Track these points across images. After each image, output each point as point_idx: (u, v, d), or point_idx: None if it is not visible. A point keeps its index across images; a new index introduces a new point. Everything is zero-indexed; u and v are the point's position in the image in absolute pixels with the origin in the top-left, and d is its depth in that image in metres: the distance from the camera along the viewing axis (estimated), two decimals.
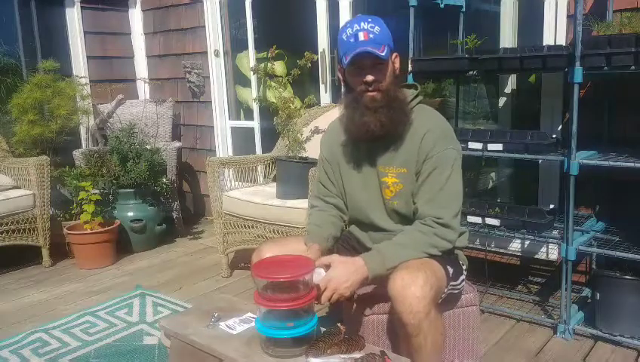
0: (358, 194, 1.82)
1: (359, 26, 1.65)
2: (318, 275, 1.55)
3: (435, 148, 1.68)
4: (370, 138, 1.71)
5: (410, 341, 1.52)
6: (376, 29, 1.65)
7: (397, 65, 1.74)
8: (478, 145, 2.43)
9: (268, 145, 3.84)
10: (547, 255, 2.75)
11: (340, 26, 1.77)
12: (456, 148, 1.73)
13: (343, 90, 1.85)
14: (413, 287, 1.47)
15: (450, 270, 1.70)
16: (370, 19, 1.67)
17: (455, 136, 1.76)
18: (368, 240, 1.85)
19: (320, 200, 1.92)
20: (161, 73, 4.59)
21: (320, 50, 3.52)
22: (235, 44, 4.30)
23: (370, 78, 1.65)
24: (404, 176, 1.72)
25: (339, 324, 1.53)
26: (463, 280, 1.80)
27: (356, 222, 1.89)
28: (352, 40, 1.65)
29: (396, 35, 1.75)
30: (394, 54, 1.72)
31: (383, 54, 1.63)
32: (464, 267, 1.84)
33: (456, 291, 1.78)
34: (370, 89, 1.66)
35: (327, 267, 1.59)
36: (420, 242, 1.63)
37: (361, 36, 1.64)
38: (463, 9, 2.88)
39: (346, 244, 1.92)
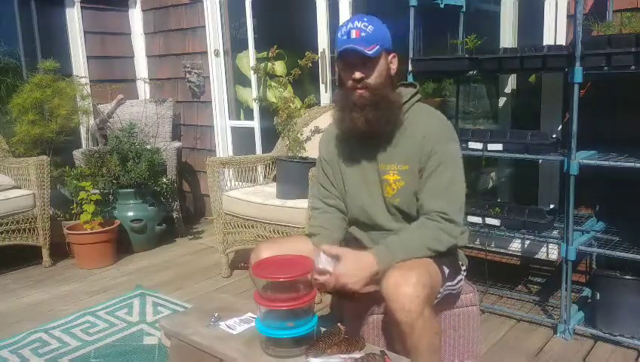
0: (358, 193, 1.82)
1: (353, 24, 1.68)
2: (322, 259, 1.58)
3: (438, 144, 1.69)
4: (357, 135, 1.73)
5: (404, 340, 1.51)
6: (370, 28, 1.67)
7: (394, 65, 1.75)
8: (478, 145, 2.43)
9: (268, 145, 3.84)
10: (547, 255, 2.74)
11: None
12: (458, 144, 1.75)
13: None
14: (406, 286, 1.47)
15: (447, 270, 1.70)
16: (366, 19, 1.69)
17: (455, 133, 1.78)
18: (368, 240, 1.84)
19: (321, 203, 1.93)
20: (161, 73, 4.59)
21: (320, 49, 3.52)
22: (235, 44, 4.30)
23: (357, 75, 1.68)
24: (405, 173, 1.73)
25: (339, 324, 1.52)
26: (460, 281, 1.80)
27: (356, 223, 1.89)
28: (344, 37, 1.68)
29: (396, 35, 1.76)
30: (391, 55, 1.74)
31: (370, 52, 1.64)
32: (463, 267, 1.84)
33: (454, 291, 1.78)
34: (358, 86, 1.69)
35: (335, 258, 1.59)
36: (425, 237, 1.64)
37: (353, 34, 1.66)
38: (463, 9, 2.88)
39: (344, 246, 1.90)
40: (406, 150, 1.72)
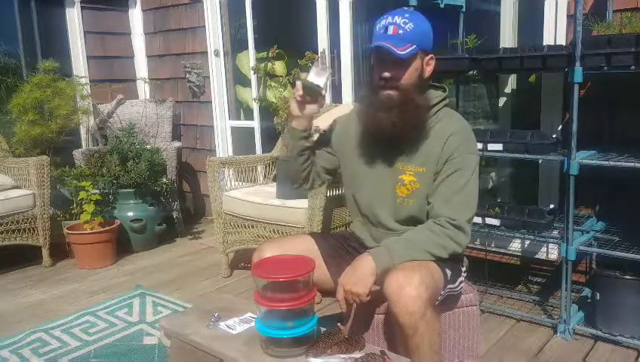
0: (368, 188, 1.79)
1: (393, 19, 1.62)
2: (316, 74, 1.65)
3: (459, 150, 1.66)
4: (381, 134, 1.68)
5: (407, 342, 1.51)
6: (409, 25, 1.60)
7: (430, 67, 1.69)
8: (478, 145, 2.42)
9: (268, 145, 3.84)
10: (547, 255, 2.75)
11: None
12: (478, 157, 1.71)
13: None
14: (409, 288, 1.47)
15: (449, 272, 1.69)
16: (407, 15, 1.62)
17: (477, 145, 1.75)
18: (370, 238, 1.83)
19: None
20: (161, 73, 4.59)
21: (320, 50, 3.52)
22: (235, 44, 4.30)
23: (386, 74, 1.62)
24: (422, 175, 1.70)
25: (339, 324, 1.52)
26: (461, 283, 1.79)
27: (359, 218, 1.87)
28: (381, 32, 1.62)
29: None
30: (428, 56, 1.67)
31: (402, 53, 1.58)
32: (463, 268, 1.84)
33: (454, 293, 1.78)
34: (387, 85, 1.63)
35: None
36: (429, 241, 1.62)
37: (391, 30, 1.60)
38: (463, 9, 2.88)
39: (346, 245, 1.90)
40: (427, 153, 1.69)
